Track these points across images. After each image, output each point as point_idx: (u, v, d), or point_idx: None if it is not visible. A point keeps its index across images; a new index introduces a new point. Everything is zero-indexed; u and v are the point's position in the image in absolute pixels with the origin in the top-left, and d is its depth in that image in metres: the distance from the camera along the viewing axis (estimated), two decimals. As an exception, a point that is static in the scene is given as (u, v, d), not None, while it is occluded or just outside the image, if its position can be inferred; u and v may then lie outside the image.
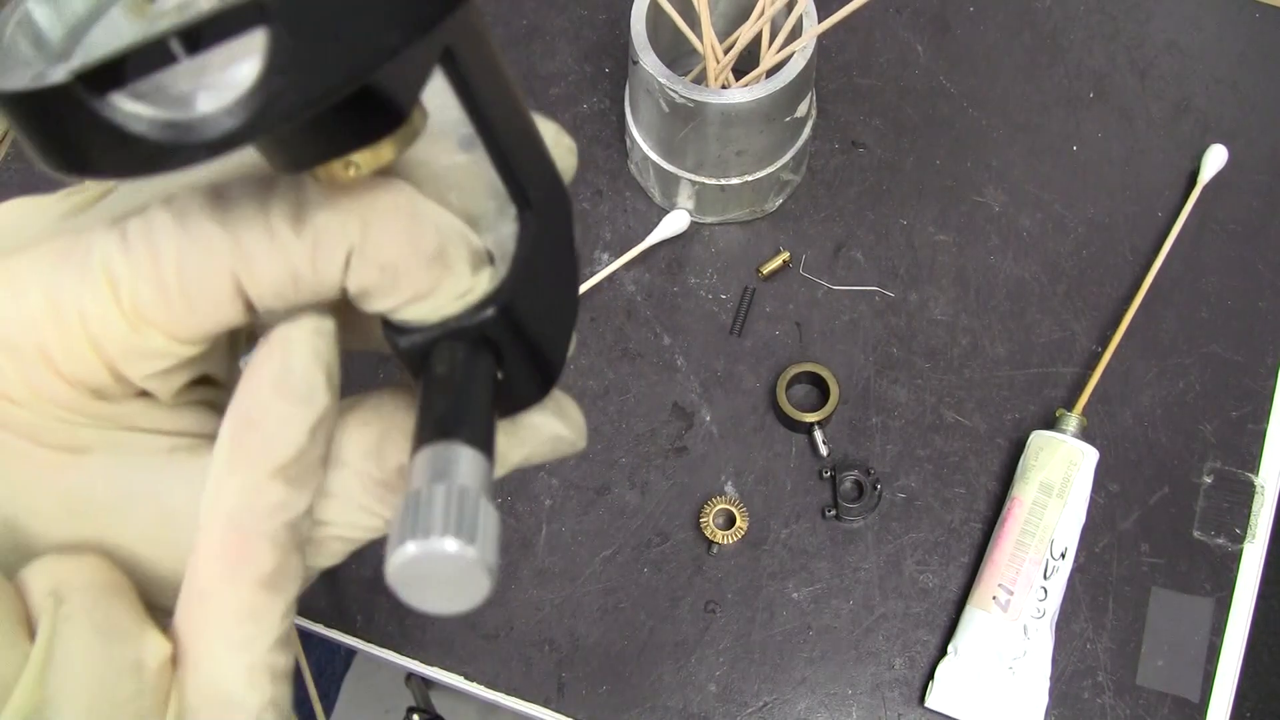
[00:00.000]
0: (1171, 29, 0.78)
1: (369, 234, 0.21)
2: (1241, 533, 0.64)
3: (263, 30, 0.17)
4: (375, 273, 0.22)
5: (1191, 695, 0.61)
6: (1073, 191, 0.73)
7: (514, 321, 0.23)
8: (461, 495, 0.19)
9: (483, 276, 0.23)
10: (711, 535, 0.64)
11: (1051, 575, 0.61)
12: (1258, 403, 0.67)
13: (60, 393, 0.23)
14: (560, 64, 0.78)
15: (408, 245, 0.22)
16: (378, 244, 0.22)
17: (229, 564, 0.22)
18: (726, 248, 0.72)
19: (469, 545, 0.19)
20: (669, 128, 0.67)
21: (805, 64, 0.64)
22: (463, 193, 0.24)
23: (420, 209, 0.22)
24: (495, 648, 0.63)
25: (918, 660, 0.62)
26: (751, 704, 0.62)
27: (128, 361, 0.23)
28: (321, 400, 0.23)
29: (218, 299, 0.22)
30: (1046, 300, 0.70)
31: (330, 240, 0.21)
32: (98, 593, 0.22)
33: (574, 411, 0.27)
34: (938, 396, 0.68)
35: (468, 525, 0.19)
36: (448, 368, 0.23)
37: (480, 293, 0.23)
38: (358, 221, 0.21)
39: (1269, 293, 0.70)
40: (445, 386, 0.22)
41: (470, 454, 0.20)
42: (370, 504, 0.24)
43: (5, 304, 0.22)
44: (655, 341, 0.70)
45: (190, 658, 0.23)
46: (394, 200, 0.22)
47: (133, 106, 0.18)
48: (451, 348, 0.23)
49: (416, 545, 0.18)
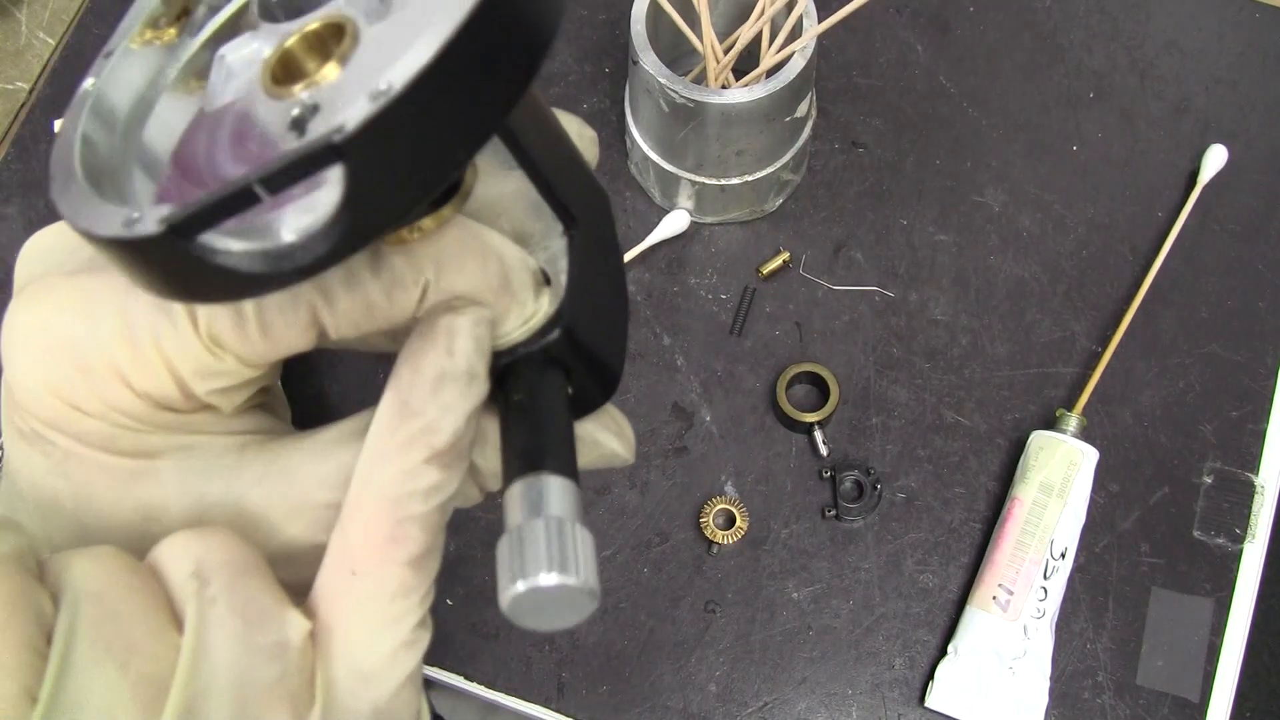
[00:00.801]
0: (1171, 29, 0.78)
1: (441, 271, 0.22)
2: (1241, 533, 0.64)
3: (338, 167, 0.18)
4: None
5: (1191, 695, 0.61)
6: (1073, 191, 0.73)
7: (576, 338, 0.24)
8: (558, 527, 0.21)
9: (543, 299, 0.24)
10: (711, 535, 0.64)
11: (1051, 575, 0.61)
12: (1258, 403, 0.67)
13: (130, 405, 0.24)
14: (560, 64, 0.78)
15: (477, 278, 0.23)
16: (450, 279, 0.23)
17: (383, 544, 0.23)
18: (726, 248, 0.72)
19: (570, 576, 0.20)
20: (669, 128, 0.67)
21: (805, 64, 0.64)
22: (512, 216, 0.25)
23: (485, 242, 0.23)
24: (495, 648, 0.63)
25: (918, 660, 0.62)
26: (751, 704, 0.62)
27: (198, 380, 0.23)
28: (481, 388, 0.23)
29: (294, 330, 0.23)
30: (1046, 300, 0.70)
31: (406, 279, 0.22)
32: (236, 571, 0.23)
33: (628, 429, 0.28)
34: (938, 396, 0.68)
35: (566, 557, 0.21)
36: (525, 395, 0.24)
37: (543, 315, 0.24)
38: (430, 261, 0.22)
39: (1269, 293, 0.70)
40: (525, 415, 0.24)
41: (558, 483, 0.22)
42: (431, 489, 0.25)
43: (79, 327, 0.23)
44: (655, 341, 0.70)
45: (338, 634, 0.23)
46: (461, 237, 0.23)
47: (224, 243, 0.19)
48: (524, 373, 0.24)
49: (525, 584, 0.20)
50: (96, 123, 0.23)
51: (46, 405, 0.24)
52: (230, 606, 0.22)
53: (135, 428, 0.24)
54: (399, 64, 0.18)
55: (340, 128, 0.18)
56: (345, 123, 0.18)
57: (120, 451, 0.24)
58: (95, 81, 0.23)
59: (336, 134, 0.18)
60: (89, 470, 0.24)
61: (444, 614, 0.64)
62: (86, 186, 0.21)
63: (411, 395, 0.23)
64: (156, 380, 0.23)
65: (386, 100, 0.18)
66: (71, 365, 0.23)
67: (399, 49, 0.19)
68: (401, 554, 0.23)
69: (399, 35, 0.20)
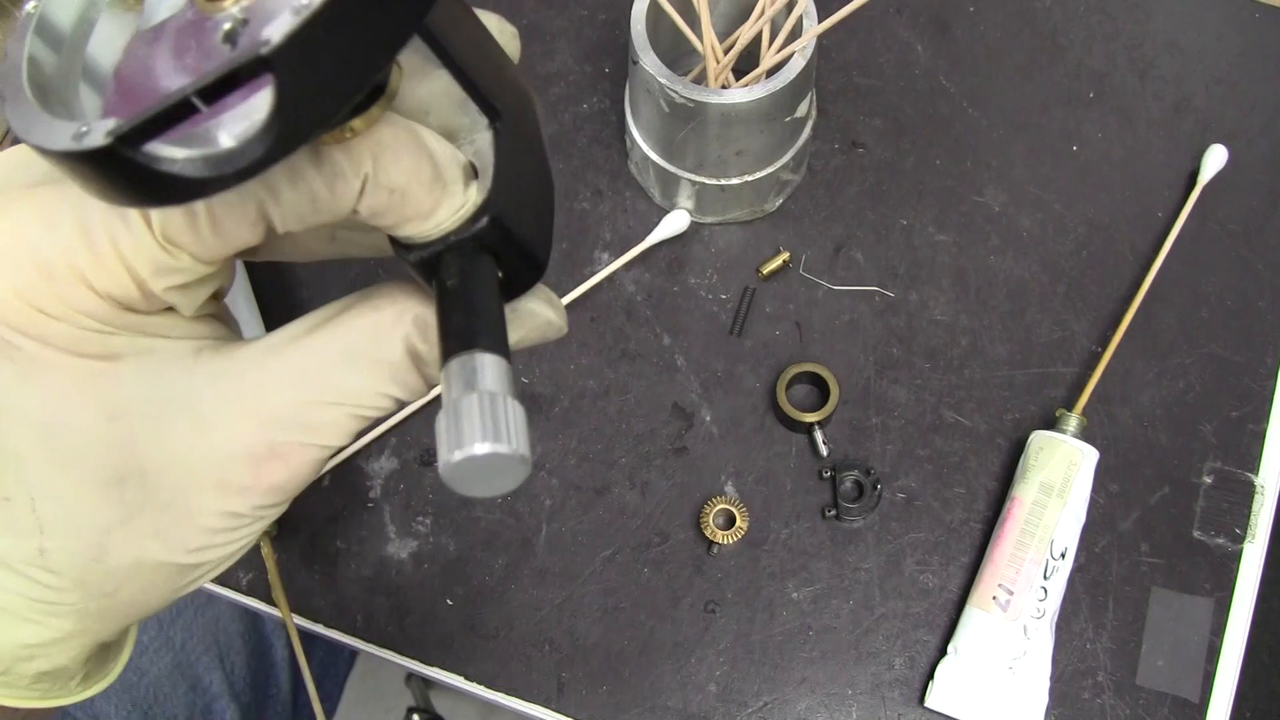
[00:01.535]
0: (1171, 29, 0.78)
1: (378, 165, 0.24)
2: (1241, 533, 0.64)
3: (268, 76, 0.20)
4: (385, 196, 0.24)
5: (1191, 695, 0.61)
6: (1073, 191, 0.73)
7: (504, 225, 0.26)
8: (491, 401, 0.23)
9: (472, 190, 0.26)
10: (711, 535, 0.64)
11: (1051, 575, 0.61)
12: (1258, 403, 0.67)
13: (93, 306, 0.25)
14: (560, 64, 0.78)
15: (411, 172, 0.24)
16: (386, 173, 0.24)
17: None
18: (726, 248, 0.72)
19: (502, 445, 0.22)
20: (669, 128, 0.67)
21: (805, 64, 0.64)
22: (440, 113, 0.26)
23: (418, 138, 0.25)
24: (495, 648, 0.63)
25: (918, 660, 0.62)
26: (751, 704, 0.62)
27: (156, 278, 0.25)
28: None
29: (243, 224, 0.24)
30: (1046, 300, 0.70)
31: (346, 172, 0.24)
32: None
33: (558, 302, 0.30)
34: (938, 396, 0.68)
35: (500, 427, 0.22)
36: (457, 280, 0.26)
37: (472, 205, 0.26)
38: (368, 155, 0.24)
39: (1269, 293, 0.70)
40: (458, 298, 0.25)
41: (491, 359, 0.24)
42: (381, 385, 0.26)
43: (39, 233, 0.25)
44: (655, 341, 0.70)
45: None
46: (395, 134, 0.24)
47: (168, 151, 0.21)
48: (455, 259, 0.26)
49: (461, 453, 0.22)
50: (41, 42, 0.24)
51: (12, 310, 0.25)
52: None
53: (99, 329, 0.25)
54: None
55: (266, 41, 0.19)
56: (270, 36, 0.19)
57: (84, 354, 0.25)
58: (38, 3, 0.24)
59: (263, 46, 0.19)
60: (54, 373, 0.25)
61: (444, 614, 0.64)
62: (35, 104, 0.22)
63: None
64: (116, 280, 0.25)
65: (308, 13, 0.19)
66: (35, 270, 0.25)
67: None
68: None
69: None
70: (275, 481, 0.26)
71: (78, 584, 0.26)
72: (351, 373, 0.26)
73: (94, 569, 0.26)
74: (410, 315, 0.27)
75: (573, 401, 0.68)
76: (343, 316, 0.27)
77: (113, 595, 0.27)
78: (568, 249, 0.72)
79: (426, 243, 0.26)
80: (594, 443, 0.67)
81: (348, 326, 0.26)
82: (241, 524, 0.27)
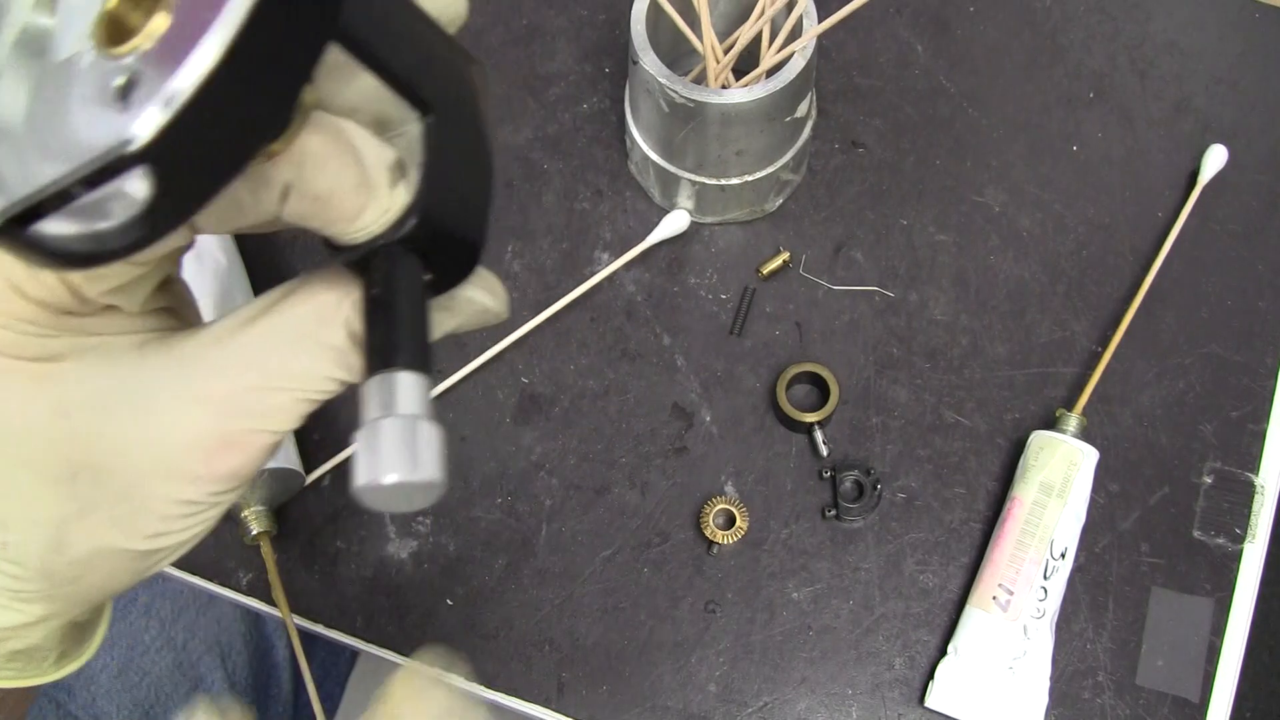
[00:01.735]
0: (1171, 29, 0.78)
1: (301, 175, 0.24)
2: (1241, 533, 0.64)
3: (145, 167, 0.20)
4: (309, 203, 0.24)
5: (1191, 695, 0.61)
6: (1073, 191, 0.73)
7: (432, 226, 0.26)
8: (406, 426, 0.23)
9: (399, 191, 0.25)
10: (711, 535, 0.64)
11: (1051, 575, 0.61)
12: (1258, 403, 0.67)
13: (29, 313, 0.26)
14: (560, 64, 0.78)
15: (335, 179, 0.24)
16: (309, 182, 0.24)
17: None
18: (726, 248, 0.72)
19: (418, 473, 0.23)
20: (669, 128, 0.67)
21: (805, 64, 0.64)
22: (369, 109, 0.26)
23: (345, 143, 0.25)
24: (495, 648, 0.63)
25: (918, 660, 0.62)
26: (751, 704, 0.62)
27: (89, 284, 0.25)
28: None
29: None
30: (1046, 300, 0.70)
31: (269, 181, 0.24)
32: None
33: (499, 287, 0.30)
34: (938, 396, 0.68)
35: (415, 454, 0.23)
36: (381, 287, 0.26)
37: (400, 208, 0.25)
38: (291, 166, 0.24)
39: (1269, 293, 0.70)
40: (380, 310, 0.25)
41: (408, 379, 0.24)
42: (326, 369, 0.27)
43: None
44: (655, 341, 0.70)
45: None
46: (321, 141, 0.24)
47: (55, 228, 0.21)
48: (382, 263, 0.26)
49: (375, 480, 0.23)
50: None
51: None
52: None
53: (39, 333, 0.26)
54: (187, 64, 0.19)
55: (134, 138, 0.19)
56: (139, 133, 0.19)
57: (25, 356, 0.26)
58: None
59: (130, 144, 0.19)
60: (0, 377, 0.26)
61: (444, 614, 0.64)
62: None
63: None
64: (49, 289, 0.25)
65: (177, 106, 0.19)
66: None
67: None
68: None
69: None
70: (227, 469, 0.27)
71: (41, 574, 0.27)
72: (296, 358, 0.26)
73: (55, 559, 0.27)
74: (350, 299, 0.27)
75: (573, 401, 0.68)
76: (285, 303, 0.27)
77: (77, 581, 0.27)
78: (568, 249, 0.72)
79: (354, 245, 0.26)
80: (594, 443, 0.67)
81: (290, 313, 0.27)
82: (198, 510, 0.27)
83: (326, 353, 0.26)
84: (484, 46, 0.78)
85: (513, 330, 0.69)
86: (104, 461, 0.26)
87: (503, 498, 0.66)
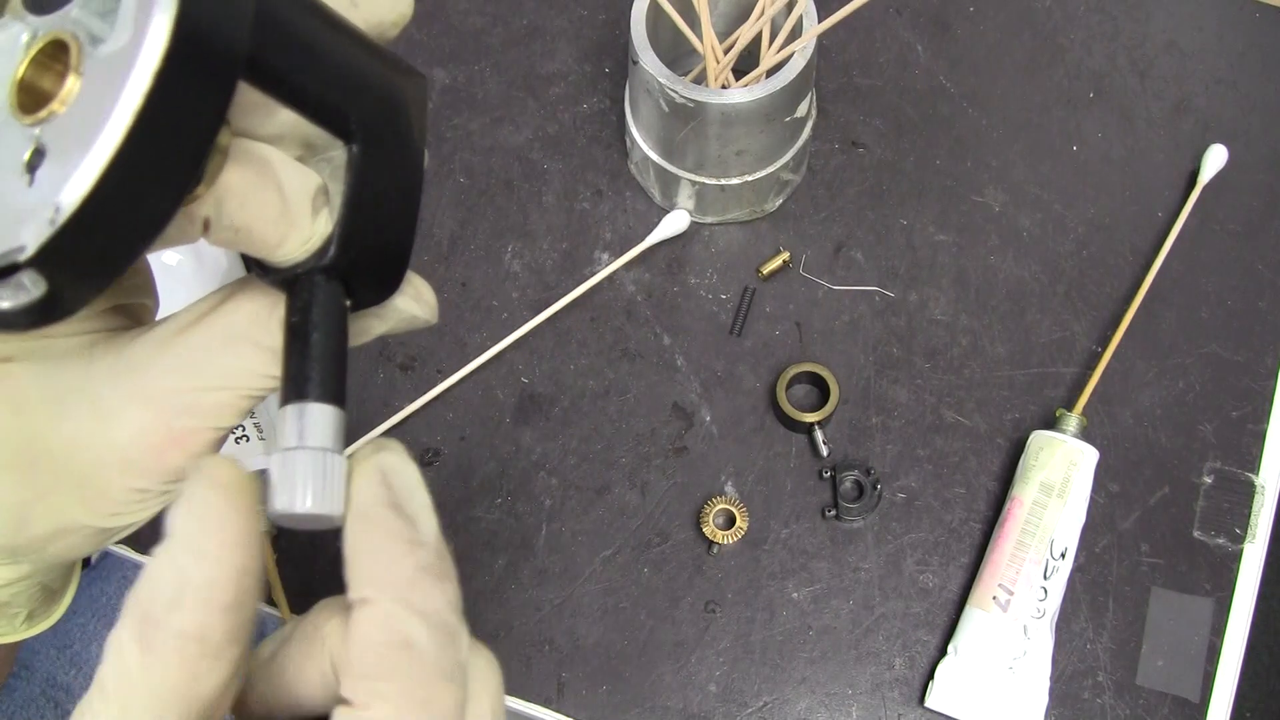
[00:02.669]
0: (1171, 29, 0.78)
1: (221, 209, 0.25)
2: (1241, 533, 0.64)
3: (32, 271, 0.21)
4: (230, 235, 0.25)
5: (1191, 695, 0.61)
6: (1073, 191, 0.73)
7: (353, 254, 0.26)
8: (316, 459, 0.25)
9: (321, 220, 0.26)
10: (711, 535, 0.64)
11: (1051, 575, 0.61)
12: (1258, 403, 0.67)
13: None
14: (560, 64, 0.78)
15: (255, 212, 0.25)
16: (229, 216, 0.25)
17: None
18: (726, 248, 0.72)
19: (322, 504, 0.25)
20: (669, 128, 0.67)
21: (805, 64, 0.64)
22: (294, 137, 0.27)
23: (267, 175, 0.25)
24: (495, 648, 0.63)
25: (918, 660, 0.62)
26: (751, 704, 0.62)
27: None
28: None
29: None
30: (1046, 300, 0.70)
31: (190, 217, 0.25)
32: None
33: (428, 294, 0.30)
34: (938, 396, 0.68)
35: (323, 487, 0.25)
36: (299, 316, 0.26)
37: (320, 237, 0.26)
38: (211, 201, 0.25)
39: (1269, 293, 0.70)
40: (297, 339, 0.26)
41: (320, 411, 0.26)
42: (263, 368, 0.27)
43: None
44: (655, 341, 0.70)
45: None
46: (241, 177, 0.25)
47: None
48: (302, 291, 0.26)
49: (285, 507, 0.25)
50: None
51: None
52: None
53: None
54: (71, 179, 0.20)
55: (22, 248, 0.20)
56: (26, 243, 0.20)
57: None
58: None
59: (20, 254, 0.20)
60: None
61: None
62: None
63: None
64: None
65: (61, 221, 0.20)
66: None
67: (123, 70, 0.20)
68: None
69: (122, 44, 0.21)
70: (176, 464, 0.28)
71: (7, 550, 0.29)
72: (236, 359, 0.27)
73: (20, 536, 0.29)
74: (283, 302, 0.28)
75: (573, 401, 0.68)
76: (225, 306, 0.28)
77: (43, 551, 0.29)
78: (568, 249, 0.72)
79: (278, 269, 0.27)
80: (594, 443, 0.67)
81: (229, 316, 0.28)
82: (151, 496, 0.29)
83: (262, 354, 0.27)
84: (484, 46, 0.78)
85: (513, 330, 0.69)
86: (61, 453, 0.28)
87: (503, 498, 0.66)
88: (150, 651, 0.24)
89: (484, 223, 0.73)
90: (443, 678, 0.26)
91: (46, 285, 0.21)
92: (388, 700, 0.24)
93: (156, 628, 0.24)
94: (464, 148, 0.76)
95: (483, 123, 0.76)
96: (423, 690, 0.25)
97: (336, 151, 0.27)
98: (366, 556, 0.26)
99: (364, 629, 0.25)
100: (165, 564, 0.24)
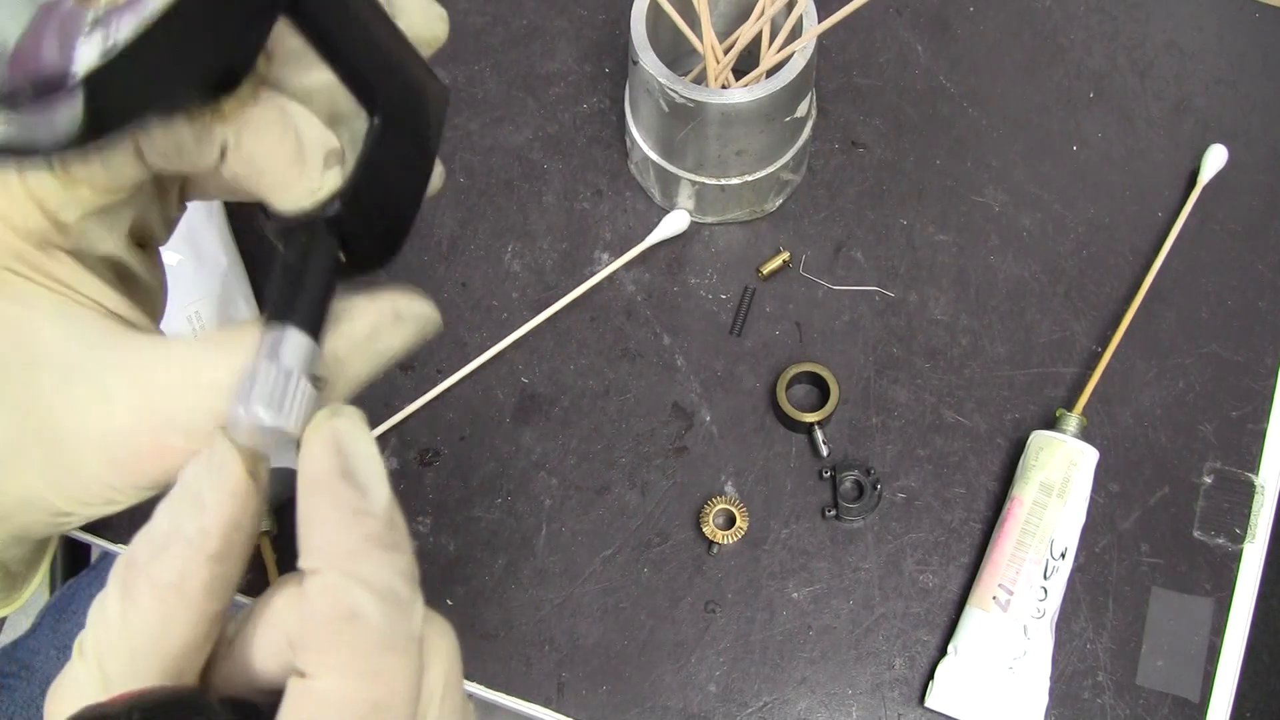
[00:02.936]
0: (1171, 29, 0.78)
1: (239, 137, 0.27)
2: (1241, 533, 0.64)
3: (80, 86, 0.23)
4: (244, 164, 0.27)
5: (1191, 695, 0.61)
6: (1073, 191, 0.73)
7: (355, 214, 0.28)
8: (284, 376, 0.26)
9: (332, 175, 0.28)
10: (711, 535, 0.64)
11: (1051, 575, 0.61)
12: (1258, 403, 0.67)
13: (13, 243, 0.28)
14: (560, 64, 0.78)
15: (271, 149, 0.27)
16: (245, 145, 0.27)
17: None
18: (726, 248, 0.72)
19: (279, 417, 0.25)
20: (669, 128, 0.67)
21: (805, 64, 0.64)
22: (325, 97, 0.28)
23: (286, 121, 0.27)
24: (495, 648, 0.63)
25: (918, 660, 0.62)
26: (751, 704, 0.62)
27: (64, 209, 0.28)
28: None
29: (122, 154, 0.27)
30: (1046, 300, 0.70)
31: (212, 134, 0.27)
32: None
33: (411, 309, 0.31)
34: (938, 396, 0.68)
35: (283, 403, 0.25)
36: (296, 255, 0.28)
37: (328, 190, 0.28)
38: (233, 127, 0.27)
39: (1269, 293, 0.70)
40: (288, 273, 0.28)
41: (298, 337, 0.26)
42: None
43: None
44: (655, 341, 0.70)
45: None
46: (266, 111, 0.27)
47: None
48: (302, 236, 0.28)
49: (246, 412, 0.25)
50: None
51: None
52: None
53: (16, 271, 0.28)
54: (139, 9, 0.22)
55: (73, 75, 0.22)
56: (77, 70, 0.22)
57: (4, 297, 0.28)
58: None
59: (71, 79, 0.22)
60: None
61: (444, 614, 0.64)
62: None
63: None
64: (29, 215, 0.27)
65: (112, 53, 0.22)
66: None
67: None
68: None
69: None
70: (154, 475, 0.28)
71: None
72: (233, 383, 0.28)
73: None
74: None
75: (573, 401, 0.68)
76: (236, 331, 0.29)
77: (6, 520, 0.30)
78: (568, 249, 0.72)
79: (285, 216, 0.28)
80: (594, 443, 0.67)
81: (238, 348, 0.28)
82: (118, 496, 0.29)
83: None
84: (484, 46, 0.78)
85: (513, 330, 0.69)
86: (53, 418, 0.28)
87: (503, 498, 0.66)
88: (128, 597, 0.25)
89: (484, 223, 0.73)
90: (391, 649, 0.25)
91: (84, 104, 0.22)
92: (334, 671, 0.24)
93: (138, 574, 0.25)
94: (464, 148, 0.76)
95: (483, 123, 0.76)
96: (370, 661, 0.25)
97: (358, 124, 0.28)
98: (314, 526, 0.25)
99: (312, 600, 0.25)
100: (163, 512, 0.26)
